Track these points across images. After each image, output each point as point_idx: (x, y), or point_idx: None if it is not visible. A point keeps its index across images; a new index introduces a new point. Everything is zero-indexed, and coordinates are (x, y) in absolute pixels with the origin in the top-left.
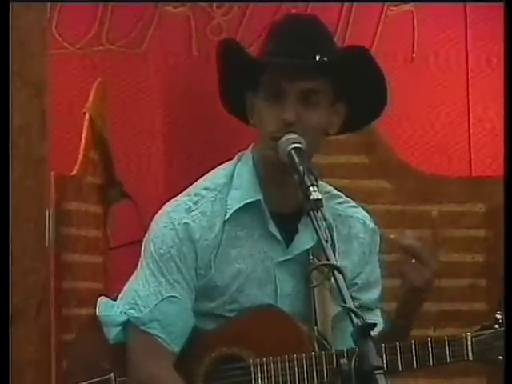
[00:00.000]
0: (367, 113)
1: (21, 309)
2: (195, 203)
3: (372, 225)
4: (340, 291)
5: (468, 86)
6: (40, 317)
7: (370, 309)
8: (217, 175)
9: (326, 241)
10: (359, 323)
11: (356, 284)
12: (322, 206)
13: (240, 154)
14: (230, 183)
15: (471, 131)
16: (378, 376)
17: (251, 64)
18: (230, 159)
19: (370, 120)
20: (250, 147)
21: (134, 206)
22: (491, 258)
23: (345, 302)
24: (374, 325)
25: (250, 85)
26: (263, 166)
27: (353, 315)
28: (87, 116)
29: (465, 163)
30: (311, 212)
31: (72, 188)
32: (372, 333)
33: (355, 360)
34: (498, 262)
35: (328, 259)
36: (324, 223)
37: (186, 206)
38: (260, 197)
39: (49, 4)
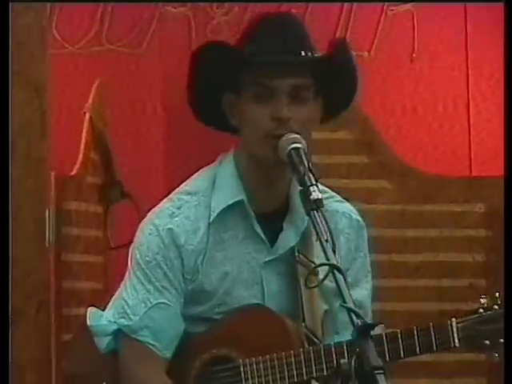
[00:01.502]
0: (338, 106)
1: (21, 309)
2: (178, 208)
3: (358, 219)
4: (340, 291)
5: (468, 86)
6: (40, 317)
7: (360, 307)
8: (198, 179)
9: (326, 240)
10: (359, 323)
11: None
12: (322, 206)
13: (221, 156)
14: (212, 186)
15: (471, 131)
16: (377, 376)
17: (234, 64)
18: None
19: (338, 112)
20: (231, 150)
21: (133, 206)
22: (491, 258)
23: (345, 302)
24: (374, 325)
25: (229, 86)
26: (251, 165)
27: (353, 315)
28: (87, 116)
29: (465, 163)
30: (311, 212)
31: (72, 188)
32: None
33: (355, 360)
34: (497, 262)
35: (328, 259)
36: (324, 223)
37: (170, 212)
38: (243, 197)
39: (49, 4)
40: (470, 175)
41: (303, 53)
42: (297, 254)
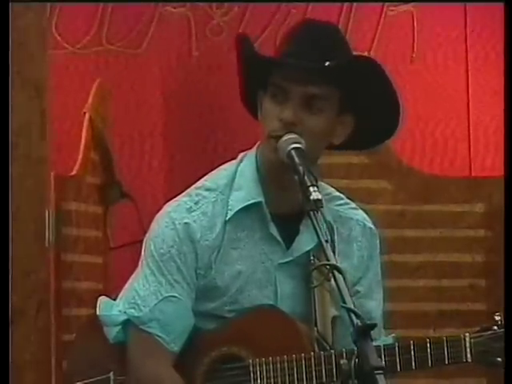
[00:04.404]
0: (377, 131)
1: (21, 309)
2: (196, 203)
3: (371, 227)
4: (340, 291)
5: (468, 86)
6: (40, 317)
7: (370, 318)
8: (218, 176)
9: (326, 241)
10: (359, 323)
11: (358, 292)
12: (321, 207)
13: (242, 154)
14: (231, 184)
15: (471, 131)
16: (377, 376)
17: (262, 63)
18: (231, 159)
19: (380, 139)
20: (255, 147)
21: (133, 206)
22: (491, 258)
23: (345, 302)
24: (374, 325)
25: (262, 84)
26: (264, 166)
27: (352, 315)
28: (87, 116)
29: (465, 163)
30: (311, 212)
31: (72, 188)
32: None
33: (355, 360)
34: (497, 262)
35: (328, 259)
36: (324, 223)
37: (187, 206)
38: (261, 198)
39: (49, 4)
40: (469, 175)
41: (328, 63)
42: (312, 257)
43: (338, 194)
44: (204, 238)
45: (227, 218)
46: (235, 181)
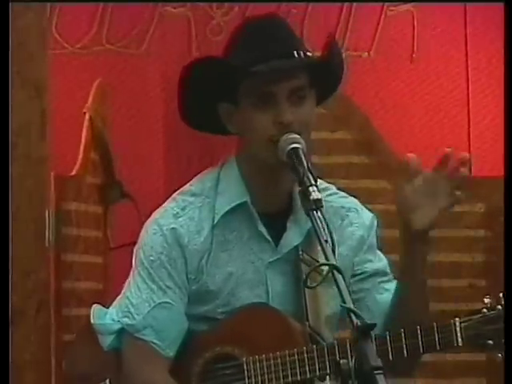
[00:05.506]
0: (325, 93)
1: (21, 309)
2: (183, 209)
3: (363, 210)
4: (340, 291)
5: (468, 86)
6: (40, 317)
7: (387, 274)
8: (202, 181)
9: (326, 241)
10: (359, 323)
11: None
12: (321, 206)
13: (222, 160)
14: (215, 188)
15: (471, 131)
16: (377, 376)
17: (230, 75)
18: None
19: (324, 99)
20: (233, 154)
21: (133, 205)
22: (491, 258)
23: (344, 302)
24: (374, 325)
25: (224, 96)
26: (255, 167)
27: (352, 315)
28: (87, 116)
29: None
30: (311, 212)
31: (72, 188)
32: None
33: (354, 360)
34: (497, 262)
35: (327, 259)
36: (324, 223)
37: (174, 212)
38: (247, 198)
39: (49, 4)
40: (469, 175)
41: (296, 53)
42: (301, 253)
43: (327, 184)
44: (192, 243)
45: (214, 223)
46: (219, 185)
